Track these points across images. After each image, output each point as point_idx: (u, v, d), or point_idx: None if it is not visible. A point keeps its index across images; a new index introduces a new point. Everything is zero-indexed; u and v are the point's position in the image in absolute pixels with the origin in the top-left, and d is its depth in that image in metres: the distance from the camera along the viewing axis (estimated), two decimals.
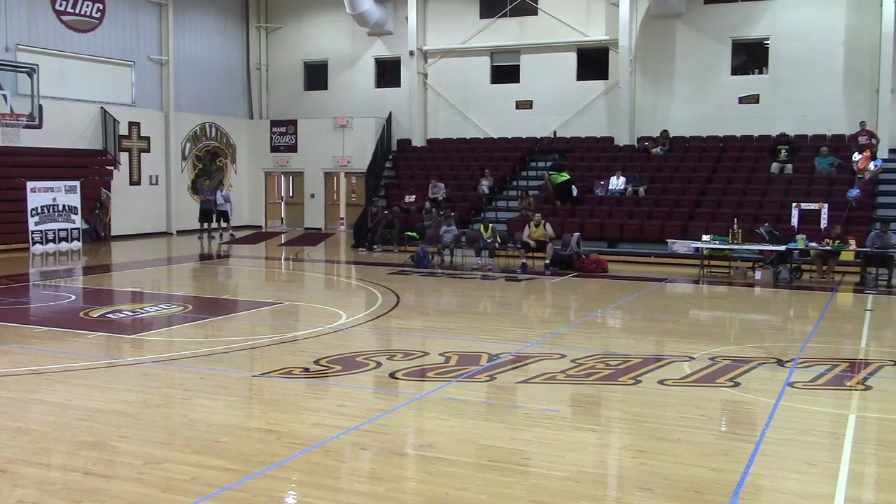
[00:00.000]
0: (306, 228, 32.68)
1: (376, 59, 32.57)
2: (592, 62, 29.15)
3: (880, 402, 8.62)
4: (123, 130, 28.71)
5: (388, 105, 31.63)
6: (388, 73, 32.54)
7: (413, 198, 26.63)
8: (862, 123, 24.08)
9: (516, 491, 5.90)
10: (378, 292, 16.18)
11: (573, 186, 24.46)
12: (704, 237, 19.45)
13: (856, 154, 23.18)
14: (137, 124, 29.43)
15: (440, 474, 6.27)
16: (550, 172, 24.98)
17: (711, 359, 10.28)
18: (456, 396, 8.53)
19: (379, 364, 9.86)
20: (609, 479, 6.37)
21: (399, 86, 31.86)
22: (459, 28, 30.65)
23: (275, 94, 34.51)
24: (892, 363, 10.25)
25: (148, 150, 29.96)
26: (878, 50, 24.73)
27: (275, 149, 33.68)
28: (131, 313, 13.58)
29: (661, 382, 9.12)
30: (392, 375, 9.34)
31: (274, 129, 33.69)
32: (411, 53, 30.98)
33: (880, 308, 15.20)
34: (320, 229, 32.47)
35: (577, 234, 20.85)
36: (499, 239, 21.34)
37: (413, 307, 14.98)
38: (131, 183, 29.38)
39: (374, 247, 24.66)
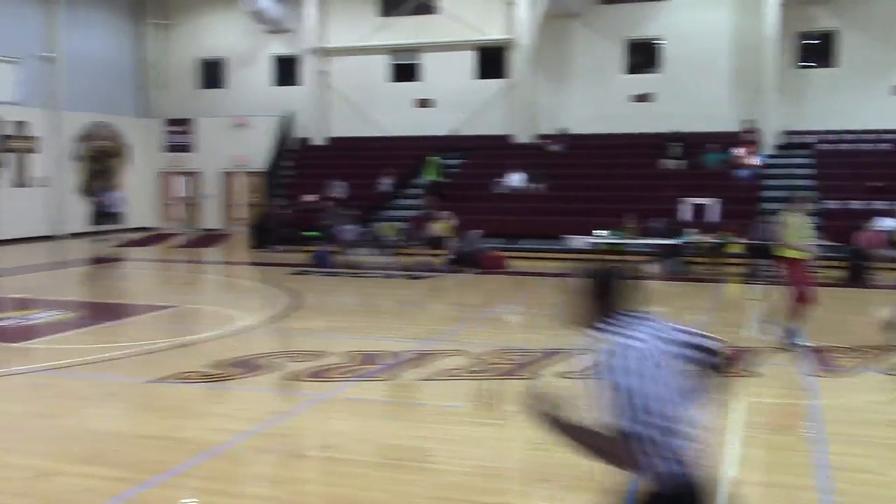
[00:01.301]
0: (204, 229, 32.01)
1: (274, 57, 32.14)
2: (492, 61, 29.46)
3: (769, 388, 8.94)
4: (10, 130, 27.53)
5: (287, 103, 31.23)
6: (287, 71, 32.13)
7: (314, 197, 26.40)
8: (747, 121, 25.05)
9: (418, 488, 5.93)
10: (278, 293, 15.98)
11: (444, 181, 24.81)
12: (601, 232, 19.91)
13: (741, 150, 24.15)
14: (24, 124, 28.28)
15: (343, 475, 6.25)
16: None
17: None
18: (358, 396, 8.51)
19: (280, 366, 9.74)
20: (510, 472, 6.47)
21: (299, 84, 31.52)
22: (359, 26, 30.50)
23: (170, 93, 33.61)
24: (778, 348, 10.67)
25: (36, 151, 28.81)
26: (761, 51, 25.78)
27: (170, 148, 32.86)
28: (19, 320, 13.05)
29: (559, 375, 9.29)
30: (293, 377, 9.24)
31: (169, 128, 32.85)
32: (310, 51, 30.69)
33: (766, 297, 15.81)
34: (218, 230, 31.85)
35: (477, 231, 21.05)
36: (400, 237, 21.35)
37: (314, 307, 14.86)
38: (19, 185, 28.22)
39: (274, 247, 24.35)
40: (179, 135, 32.67)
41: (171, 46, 33.39)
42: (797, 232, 11.03)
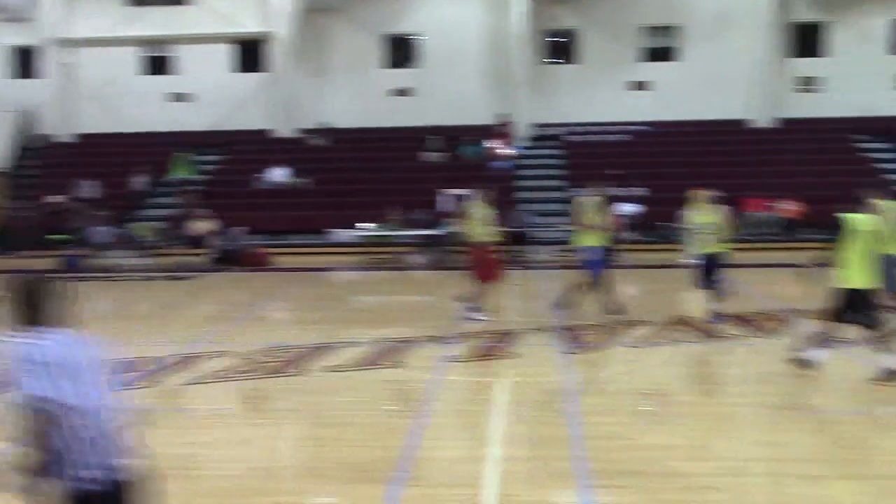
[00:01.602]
0: None
1: (13, 48, 29.62)
2: (251, 54, 28.81)
3: (528, 367, 9.42)
4: None
5: (27, 98, 28.89)
6: (26, 63, 29.71)
7: (61, 197, 24.63)
8: (501, 115, 26.20)
9: (185, 497, 5.69)
10: None
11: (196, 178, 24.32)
12: (363, 225, 20.09)
13: (494, 142, 25.22)
14: None
15: None
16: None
17: (374, 342, 10.62)
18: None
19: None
20: (280, 470, 6.36)
21: (40, 77, 29.25)
22: (106, 16, 28.72)
23: None
24: (536, 329, 11.27)
25: None
26: (511, 48, 27.04)
27: None
28: None
29: (328, 370, 9.27)
30: None
31: None
32: (52, 42, 28.54)
33: (520, 281, 16.62)
34: None
35: (240, 229, 20.56)
36: (158, 237, 20.44)
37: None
38: None
39: (19, 252, 22.46)
40: None
41: None
42: (479, 220, 12.23)
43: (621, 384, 8.75)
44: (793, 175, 23.30)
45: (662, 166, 24.03)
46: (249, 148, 27.32)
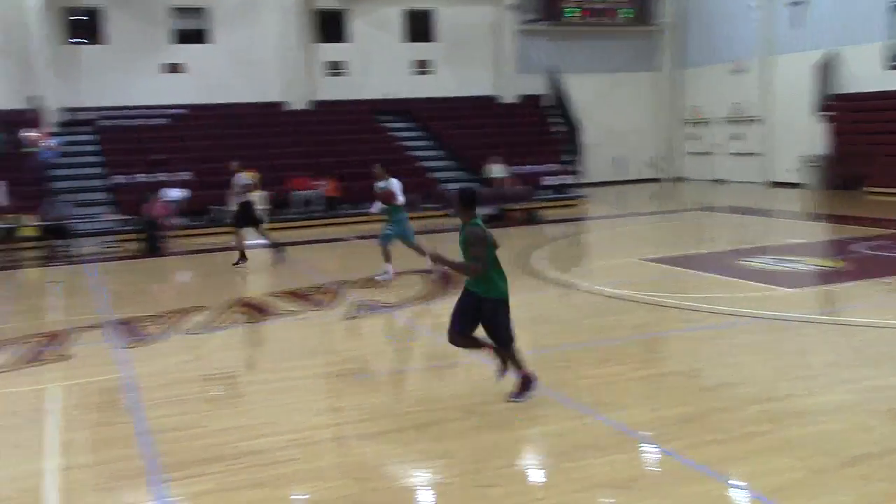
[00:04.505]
0: None
1: None
2: None
3: (83, 368, 8.86)
4: None
5: None
6: None
7: None
8: (32, 99, 24.00)
9: None
10: None
11: None
12: None
13: (31, 130, 23.01)
14: None
15: None
16: None
17: None
18: None
19: None
20: None
21: None
22: None
23: None
24: (85, 327, 10.61)
25: None
26: (29, 26, 24.77)
27: None
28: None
29: None
30: None
31: None
32: None
33: (65, 277, 15.51)
34: None
35: None
36: None
37: None
38: None
39: None
40: None
41: None
42: None
43: (184, 373, 8.63)
44: (327, 155, 24.60)
45: (204, 150, 23.86)
46: None
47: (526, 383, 6.96)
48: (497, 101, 30.64)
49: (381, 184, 13.41)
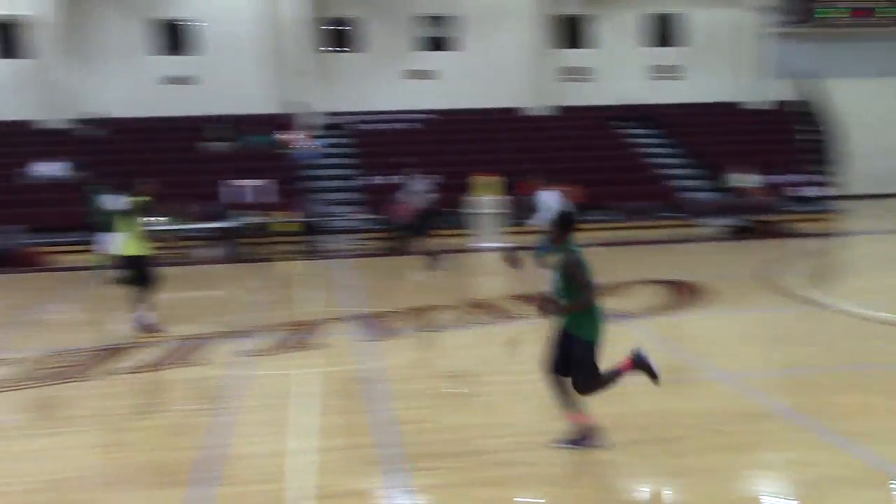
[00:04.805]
0: None
1: None
2: (10, 40, 26.56)
3: (333, 357, 9.40)
4: None
5: None
6: None
7: None
8: (293, 103, 25.88)
9: None
10: None
11: None
12: (149, 219, 19.13)
13: (290, 132, 24.83)
14: None
15: None
16: None
17: (172, 340, 10.21)
18: None
19: None
20: (75, 481, 5.98)
21: None
22: None
23: None
24: (337, 319, 11.23)
25: None
26: (292, 35, 26.68)
27: None
28: None
29: (121, 372, 8.83)
30: None
31: None
32: None
33: (315, 271, 16.52)
34: None
35: (14, 227, 19.11)
36: None
37: None
38: None
39: None
40: None
41: None
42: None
43: (425, 368, 8.93)
44: (563, 160, 24.53)
45: (451, 154, 24.53)
46: (8, 140, 25.14)
47: (585, 435, 6.23)
48: (743, 106, 29.30)
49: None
